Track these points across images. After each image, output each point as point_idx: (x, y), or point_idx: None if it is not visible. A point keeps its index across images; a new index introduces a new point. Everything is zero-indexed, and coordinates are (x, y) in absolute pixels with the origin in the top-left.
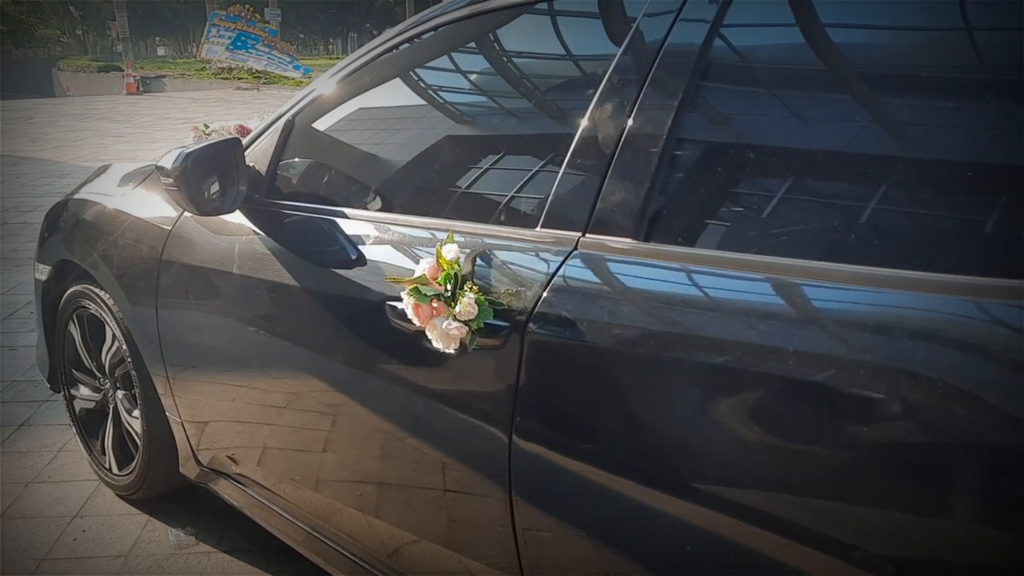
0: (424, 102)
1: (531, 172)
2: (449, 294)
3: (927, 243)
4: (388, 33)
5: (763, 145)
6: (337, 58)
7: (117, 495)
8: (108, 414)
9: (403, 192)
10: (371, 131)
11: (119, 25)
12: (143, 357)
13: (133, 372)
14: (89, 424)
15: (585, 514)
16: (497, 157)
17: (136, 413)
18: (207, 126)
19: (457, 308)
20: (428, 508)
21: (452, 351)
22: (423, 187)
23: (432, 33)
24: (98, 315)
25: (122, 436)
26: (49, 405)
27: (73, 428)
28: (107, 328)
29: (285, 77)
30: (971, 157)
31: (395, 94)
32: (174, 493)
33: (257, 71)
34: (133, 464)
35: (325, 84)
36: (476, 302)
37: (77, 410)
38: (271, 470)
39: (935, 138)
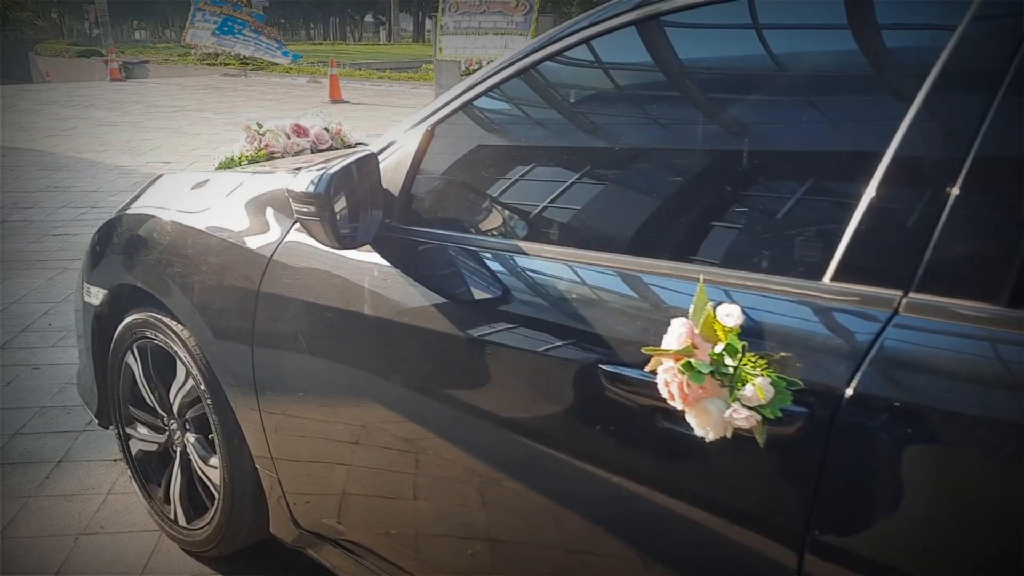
0: (626, 106)
1: (805, 201)
2: (731, 371)
3: None
4: (570, 24)
5: None
6: (319, 44)
7: (183, 550)
8: (174, 459)
9: (596, 221)
10: (542, 143)
11: (98, 8)
12: (229, 400)
13: (214, 416)
14: (149, 468)
15: None
16: (745, 179)
17: (213, 461)
18: (260, 125)
19: (747, 391)
20: None
21: (717, 438)
22: (627, 216)
23: (635, 26)
24: (166, 348)
25: (191, 484)
26: (87, 436)
27: (128, 471)
28: (178, 363)
29: (273, 63)
30: None
31: (579, 98)
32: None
33: (245, 57)
34: (208, 518)
35: (478, 85)
36: (773, 383)
37: (134, 451)
38: (404, 545)
39: None
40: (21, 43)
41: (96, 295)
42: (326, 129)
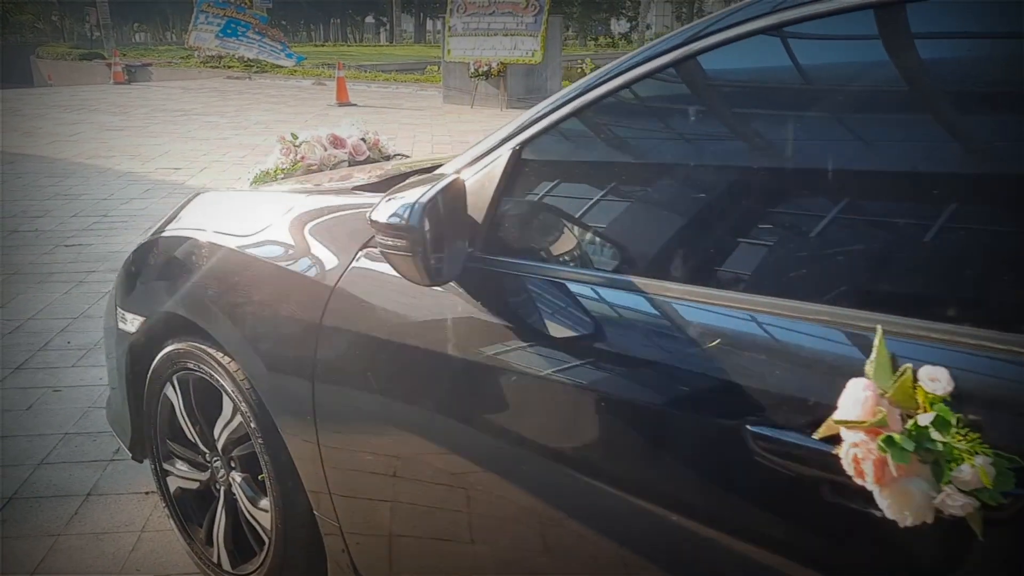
0: (766, 123)
1: (1000, 236)
2: (939, 448)
3: None
4: (686, 31)
5: None
6: (320, 45)
7: None
8: (218, 498)
9: (731, 255)
10: (653, 163)
11: (100, 11)
12: (284, 439)
13: (265, 456)
14: (188, 506)
15: None
16: (923, 208)
17: (262, 503)
18: (295, 136)
19: (963, 472)
20: None
21: (916, 524)
22: (774, 251)
23: (792, 27)
24: (211, 380)
25: (236, 526)
26: (116, 465)
27: (164, 507)
28: (224, 398)
29: (277, 66)
30: None
31: (697, 115)
32: None
33: (249, 59)
34: (257, 563)
35: (573, 101)
36: (993, 463)
37: (172, 488)
38: None
39: None
40: (22, 46)
41: (132, 322)
42: (363, 139)
